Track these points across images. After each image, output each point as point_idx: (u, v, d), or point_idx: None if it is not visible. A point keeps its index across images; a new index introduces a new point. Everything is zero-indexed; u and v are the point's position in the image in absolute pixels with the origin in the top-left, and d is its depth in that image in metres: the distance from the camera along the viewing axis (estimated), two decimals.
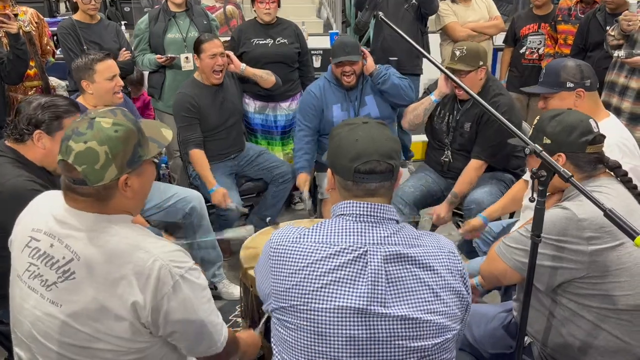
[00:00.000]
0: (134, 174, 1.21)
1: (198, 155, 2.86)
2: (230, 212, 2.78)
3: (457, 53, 2.54)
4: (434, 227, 3.03)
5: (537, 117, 1.61)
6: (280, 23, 3.36)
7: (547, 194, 1.35)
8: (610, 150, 1.58)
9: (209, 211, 2.78)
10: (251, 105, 3.39)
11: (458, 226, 2.98)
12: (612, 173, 1.55)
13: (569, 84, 1.99)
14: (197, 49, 2.90)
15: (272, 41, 3.29)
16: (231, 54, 3.03)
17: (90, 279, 1.15)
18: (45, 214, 1.25)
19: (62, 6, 6.94)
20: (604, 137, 1.54)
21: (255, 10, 3.32)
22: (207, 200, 2.77)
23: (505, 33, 4.28)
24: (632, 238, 1.14)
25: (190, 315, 1.20)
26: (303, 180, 2.93)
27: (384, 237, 1.17)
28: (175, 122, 3.00)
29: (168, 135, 1.32)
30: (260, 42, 3.29)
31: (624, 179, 1.53)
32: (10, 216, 1.33)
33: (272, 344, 1.24)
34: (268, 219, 2.50)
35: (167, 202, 2.60)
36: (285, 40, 3.31)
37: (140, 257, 1.16)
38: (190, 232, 2.66)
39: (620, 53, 2.94)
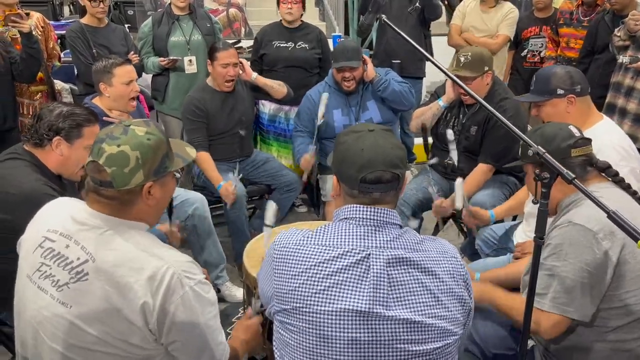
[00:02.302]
0: (158, 184, 1.26)
1: (204, 157, 2.88)
2: (236, 210, 2.77)
3: (462, 59, 2.53)
4: (436, 229, 3.04)
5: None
6: (305, 27, 3.37)
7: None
8: (607, 154, 1.58)
9: (214, 212, 2.79)
10: (266, 107, 3.40)
11: (461, 229, 2.98)
12: (603, 175, 1.54)
13: (560, 91, 1.99)
14: (211, 55, 2.91)
15: (293, 45, 3.30)
16: (244, 61, 3.03)
17: (103, 281, 1.16)
18: (62, 216, 1.27)
19: (66, 9, 6.97)
20: (588, 140, 1.54)
21: (279, 12, 3.33)
22: (211, 202, 2.78)
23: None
24: (636, 240, 1.14)
25: (194, 327, 1.21)
26: (307, 159, 2.92)
27: (387, 241, 1.18)
28: (183, 124, 3.02)
29: (192, 153, 1.39)
30: (281, 45, 3.30)
31: (616, 179, 1.53)
32: (23, 219, 1.35)
33: (274, 347, 1.24)
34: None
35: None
36: (306, 45, 3.32)
37: (154, 264, 1.18)
38: (194, 234, 2.67)
39: (624, 59, 2.94)
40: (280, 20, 3.37)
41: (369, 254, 1.15)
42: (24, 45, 2.87)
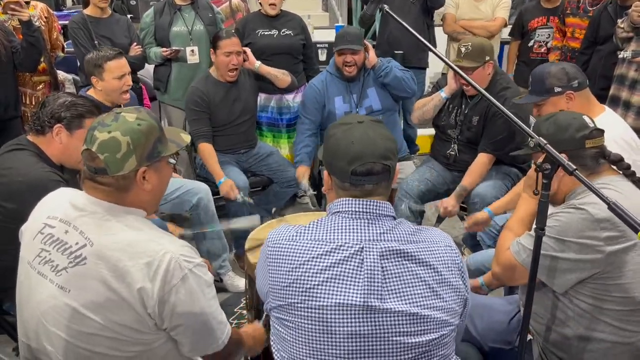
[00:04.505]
0: (152, 169, 1.27)
1: (207, 149, 2.88)
2: (238, 203, 2.80)
3: (463, 50, 2.53)
4: (439, 220, 3.04)
5: (533, 124, 1.61)
6: (285, 15, 3.36)
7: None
8: (608, 146, 1.57)
9: (217, 202, 2.80)
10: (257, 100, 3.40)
11: (462, 219, 2.98)
12: (615, 168, 1.53)
13: (557, 89, 1.98)
14: (214, 44, 2.91)
15: (277, 32, 3.29)
16: (248, 50, 3.03)
17: (101, 266, 1.17)
18: (62, 203, 1.28)
19: (68, 0, 6.96)
20: (602, 131, 1.52)
21: (260, 3, 3.32)
22: (215, 193, 2.79)
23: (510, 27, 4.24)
24: (636, 231, 1.14)
25: (196, 309, 1.22)
26: (302, 172, 2.97)
27: (380, 233, 1.17)
28: (185, 115, 3.02)
29: (186, 138, 1.39)
30: (265, 33, 3.28)
31: (627, 172, 1.51)
32: (29, 207, 1.37)
33: (271, 342, 1.24)
34: (273, 210, 2.51)
35: (174, 193, 2.62)
36: (290, 32, 3.31)
37: (151, 248, 1.19)
38: (197, 224, 2.68)
39: (626, 54, 2.93)
40: (259, 9, 3.35)
41: (362, 247, 1.15)
42: (24, 34, 2.86)
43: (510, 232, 1.59)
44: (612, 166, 1.53)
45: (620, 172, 1.52)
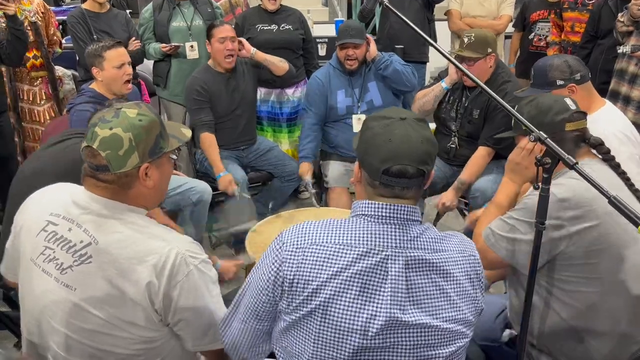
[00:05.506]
0: (154, 165, 1.25)
1: (209, 139, 2.87)
2: (236, 198, 2.80)
3: (465, 40, 2.54)
4: (438, 217, 3.04)
5: (516, 107, 1.58)
6: (284, 9, 3.36)
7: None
8: (607, 141, 1.56)
9: (217, 198, 2.79)
10: (257, 93, 3.39)
11: (462, 214, 2.98)
12: (594, 152, 1.52)
13: (559, 82, 1.97)
14: (208, 34, 2.93)
15: (276, 27, 3.29)
16: (243, 39, 3.03)
17: (107, 264, 1.17)
18: (64, 200, 1.27)
19: None
20: (583, 114, 1.51)
21: None
22: (214, 188, 2.79)
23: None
24: (636, 225, 1.14)
25: (200, 304, 1.22)
26: (306, 168, 2.97)
27: (407, 240, 1.12)
28: (186, 106, 3.02)
29: (187, 133, 1.37)
30: (265, 28, 3.28)
31: (607, 156, 1.51)
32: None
33: (274, 339, 1.20)
34: (270, 205, 2.51)
35: (176, 190, 2.63)
36: (290, 27, 3.31)
37: (157, 245, 1.19)
38: (187, 221, 2.68)
39: (625, 49, 2.92)
40: (259, 5, 3.36)
41: (387, 256, 1.10)
42: (10, 27, 2.87)
43: (486, 217, 1.61)
44: (592, 150, 1.53)
45: (600, 156, 1.52)
